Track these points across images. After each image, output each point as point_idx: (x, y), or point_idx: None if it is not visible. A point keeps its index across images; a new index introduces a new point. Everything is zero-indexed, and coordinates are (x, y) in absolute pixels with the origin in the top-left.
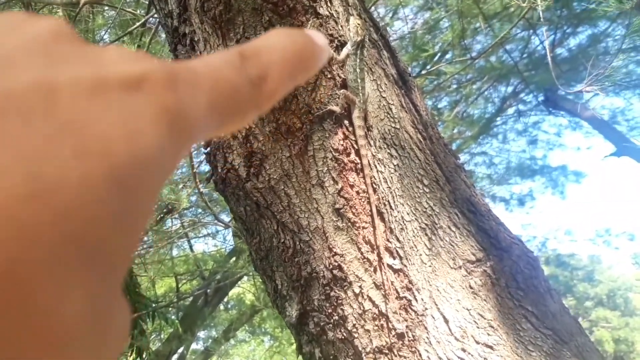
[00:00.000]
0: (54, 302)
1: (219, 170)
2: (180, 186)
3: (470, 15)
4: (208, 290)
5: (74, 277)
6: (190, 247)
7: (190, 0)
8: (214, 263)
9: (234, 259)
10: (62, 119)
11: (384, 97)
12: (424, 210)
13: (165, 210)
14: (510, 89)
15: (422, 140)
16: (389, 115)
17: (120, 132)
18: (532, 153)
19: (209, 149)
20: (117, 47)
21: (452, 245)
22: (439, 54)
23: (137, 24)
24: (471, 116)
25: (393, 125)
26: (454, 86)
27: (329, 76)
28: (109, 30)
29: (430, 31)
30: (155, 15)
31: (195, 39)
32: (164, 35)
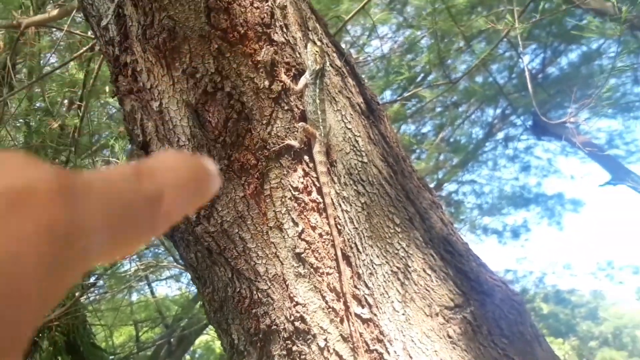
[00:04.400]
0: None
1: None
2: None
3: (451, 35)
4: (172, 339)
5: None
6: (151, 291)
7: (131, 27)
8: (177, 308)
9: (200, 303)
10: None
11: (349, 129)
12: (396, 252)
13: None
14: (498, 111)
15: (392, 174)
16: (355, 149)
17: None
18: (525, 181)
19: None
20: (3, 154)
21: (427, 290)
22: (421, 76)
23: (85, 47)
24: (457, 142)
25: (360, 159)
26: (438, 109)
27: (285, 108)
28: (55, 54)
29: (410, 52)
30: None
31: (138, 69)
32: None
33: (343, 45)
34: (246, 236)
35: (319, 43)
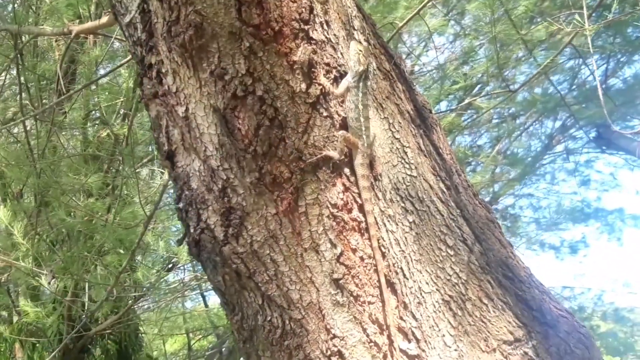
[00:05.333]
0: None
1: (192, 230)
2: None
3: (510, 43)
4: (222, 349)
5: None
6: (204, 300)
7: (156, 24)
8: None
9: None
10: None
11: (397, 139)
12: (448, 278)
13: (169, 265)
14: (558, 124)
15: (445, 190)
16: (403, 161)
17: None
18: (584, 195)
19: (181, 203)
20: None
21: (483, 321)
22: (478, 86)
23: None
24: (515, 154)
25: (409, 172)
26: (495, 121)
27: (324, 114)
28: (110, 62)
29: (467, 61)
30: None
31: (163, 70)
32: None
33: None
34: (278, 258)
35: (364, 43)
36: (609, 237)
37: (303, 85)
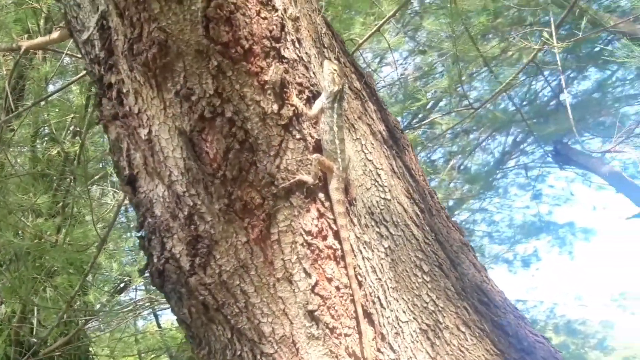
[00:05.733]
0: None
1: (155, 260)
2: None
3: (467, 60)
4: None
5: None
6: (157, 320)
7: (117, 41)
8: (182, 338)
9: None
10: None
11: (370, 161)
12: (425, 305)
13: (125, 281)
14: (510, 139)
15: (419, 213)
16: (376, 184)
17: None
18: (537, 209)
19: (142, 231)
20: None
21: (461, 350)
22: (432, 103)
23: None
24: (469, 169)
25: (382, 195)
26: (449, 136)
27: (297, 136)
28: (60, 79)
29: (424, 77)
30: None
31: (124, 90)
32: None
33: None
34: (249, 289)
35: (336, 62)
36: (560, 250)
37: (275, 106)
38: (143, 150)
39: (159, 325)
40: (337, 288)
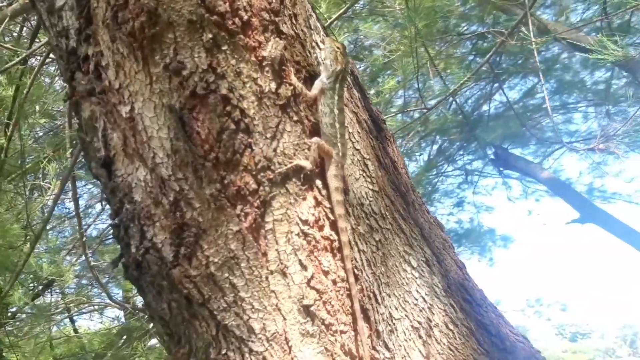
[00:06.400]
0: None
1: (133, 250)
2: (64, 254)
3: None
4: None
5: None
6: (73, 324)
7: (97, 9)
8: (100, 343)
9: (124, 338)
10: None
11: (357, 150)
12: (415, 302)
13: (44, 282)
14: (435, 147)
15: (405, 206)
16: (364, 174)
17: None
18: (458, 216)
19: (117, 219)
20: None
21: (451, 349)
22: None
23: (15, 60)
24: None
25: (371, 187)
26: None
27: (295, 118)
28: None
29: (374, 79)
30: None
31: (103, 63)
32: (47, 79)
33: None
34: (239, 282)
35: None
36: (480, 257)
37: (273, 85)
38: (123, 129)
39: (75, 330)
40: (334, 282)
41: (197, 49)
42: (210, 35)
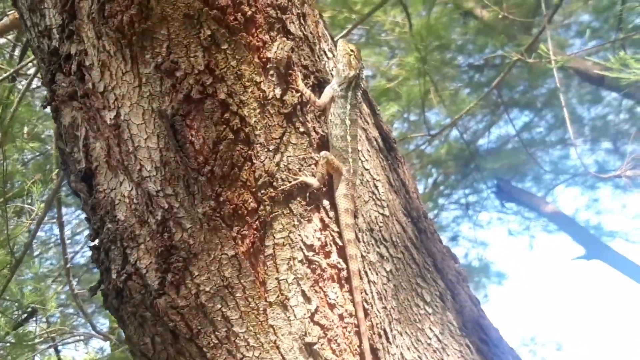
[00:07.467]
0: None
1: (114, 275)
2: (49, 281)
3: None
4: None
5: None
6: (57, 354)
7: (82, 2)
8: None
9: None
10: None
11: (367, 170)
12: (429, 342)
13: (27, 312)
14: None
15: (417, 234)
16: (374, 197)
17: None
18: (453, 251)
19: (97, 240)
20: None
21: None
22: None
23: (2, 76)
24: None
25: (381, 211)
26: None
27: (301, 129)
28: None
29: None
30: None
31: (87, 63)
32: (37, 96)
33: None
34: (232, 315)
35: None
36: (476, 293)
37: (277, 91)
38: (107, 138)
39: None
40: (341, 317)
41: (193, 48)
42: (208, 32)
